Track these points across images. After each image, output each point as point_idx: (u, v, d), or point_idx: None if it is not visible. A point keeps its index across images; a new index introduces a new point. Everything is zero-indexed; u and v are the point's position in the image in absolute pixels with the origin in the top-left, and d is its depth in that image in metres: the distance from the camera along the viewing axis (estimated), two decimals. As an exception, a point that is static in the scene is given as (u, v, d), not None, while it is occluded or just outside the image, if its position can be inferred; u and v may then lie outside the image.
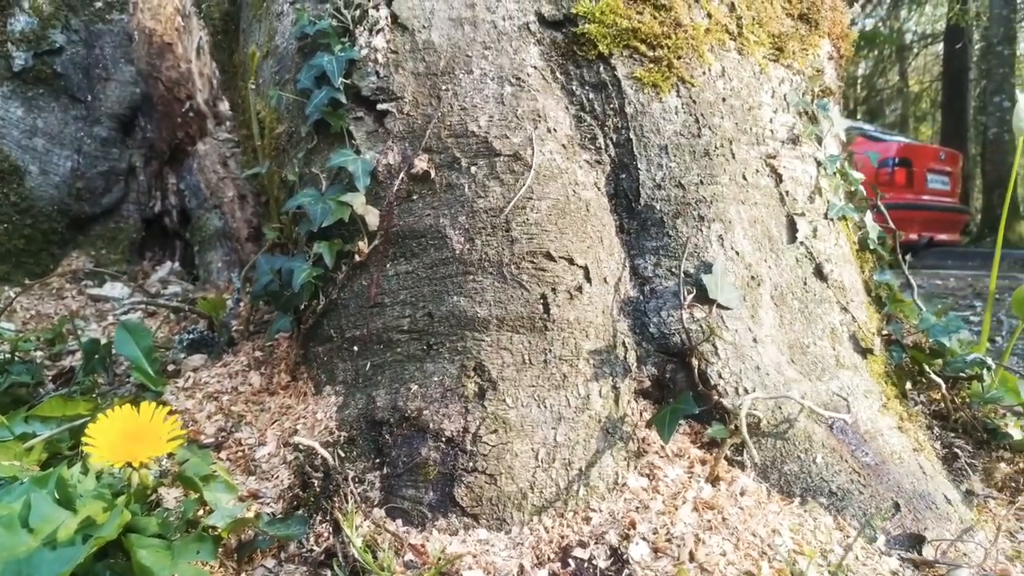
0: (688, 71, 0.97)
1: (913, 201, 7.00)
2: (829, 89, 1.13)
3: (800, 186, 1.03)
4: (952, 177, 7.72)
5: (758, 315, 0.92)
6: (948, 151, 8.09)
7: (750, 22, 1.05)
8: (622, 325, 0.89)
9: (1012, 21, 10.05)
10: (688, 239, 0.92)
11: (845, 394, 0.92)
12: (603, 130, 0.95)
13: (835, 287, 1.02)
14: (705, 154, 0.95)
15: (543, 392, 0.82)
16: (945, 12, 12.33)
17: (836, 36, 1.21)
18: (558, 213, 0.89)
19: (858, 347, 1.00)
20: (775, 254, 0.97)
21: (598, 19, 0.95)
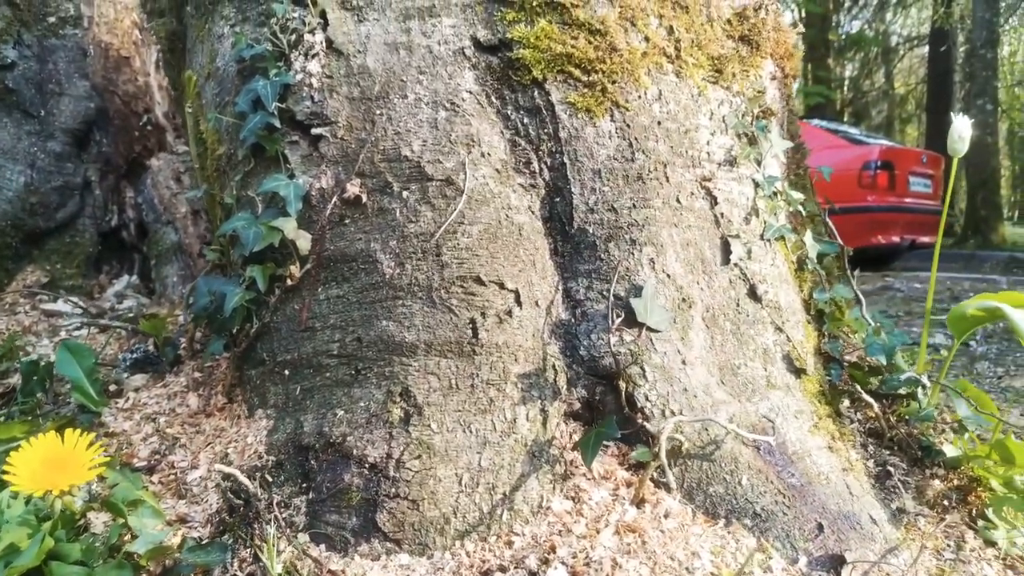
0: (623, 95, 0.98)
1: (896, 204, 7.05)
2: (770, 110, 1.15)
3: (736, 207, 1.05)
4: (934, 180, 7.79)
5: (688, 337, 0.93)
6: (930, 154, 8.15)
7: (689, 45, 1.06)
8: (553, 348, 0.90)
9: (995, 24, 10.14)
10: (620, 262, 0.93)
11: (774, 415, 0.94)
12: (538, 154, 0.96)
13: (770, 307, 1.03)
14: (638, 178, 0.97)
15: (469, 417, 0.83)
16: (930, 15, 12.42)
17: (780, 56, 1.23)
18: (490, 237, 0.90)
19: (791, 367, 1.02)
20: (708, 276, 0.99)
21: (533, 44, 0.96)
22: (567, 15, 0.97)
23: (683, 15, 1.07)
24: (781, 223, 1.09)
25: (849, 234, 7.28)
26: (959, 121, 1.07)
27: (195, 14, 1.09)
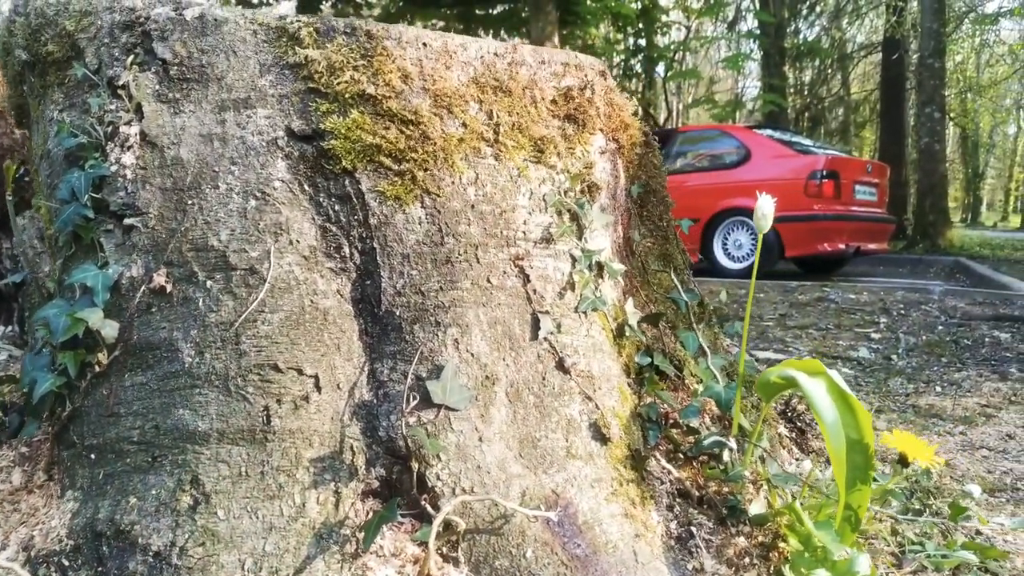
0: (434, 182, 1.03)
1: (842, 212, 7.23)
2: (595, 184, 1.21)
3: (550, 283, 1.11)
4: (879, 188, 7.99)
5: (489, 414, 0.99)
6: (875, 163, 8.37)
7: (510, 128, 1.12)
8: (353, 429, 0.95)
9: (941, 35, 10.39)
10: (424, 344, 0.99)
11: (569, 485, 1.00)
12: (349, 239, 1.01)
13: (581, 377, 1.10)
14: (447, 261, 1.02)
15: (257, 503, 0.88)
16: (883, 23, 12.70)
17: (612, 129, 1.29)
18: (291, 324, 0.94)
19: (598, 435, 1.08)
20: (515, 352, 1.05)
21: (344, 135, 1.01)
22: (379, 106, 1.02)
23: (505, 98, 1.13)
24: (598, 295, 1.15)
25: (796, 242, 7.48)
26: (763, 200, 1.14)
27: (30, 94, 1.13)
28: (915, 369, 3.16)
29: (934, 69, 10.43)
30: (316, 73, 1.02)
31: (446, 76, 1.08)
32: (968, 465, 2.00)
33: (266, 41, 1.03)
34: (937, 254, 10.21)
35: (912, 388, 2.84)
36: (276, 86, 1.02)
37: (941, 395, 2.74)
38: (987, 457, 2.08)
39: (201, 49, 1.01)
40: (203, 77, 1.00)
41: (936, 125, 10.53)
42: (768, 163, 7.49)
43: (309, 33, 1.03)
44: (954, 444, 2.18)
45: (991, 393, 2.75)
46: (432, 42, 1.08)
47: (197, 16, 1.01)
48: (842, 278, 8.08)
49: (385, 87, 1.03)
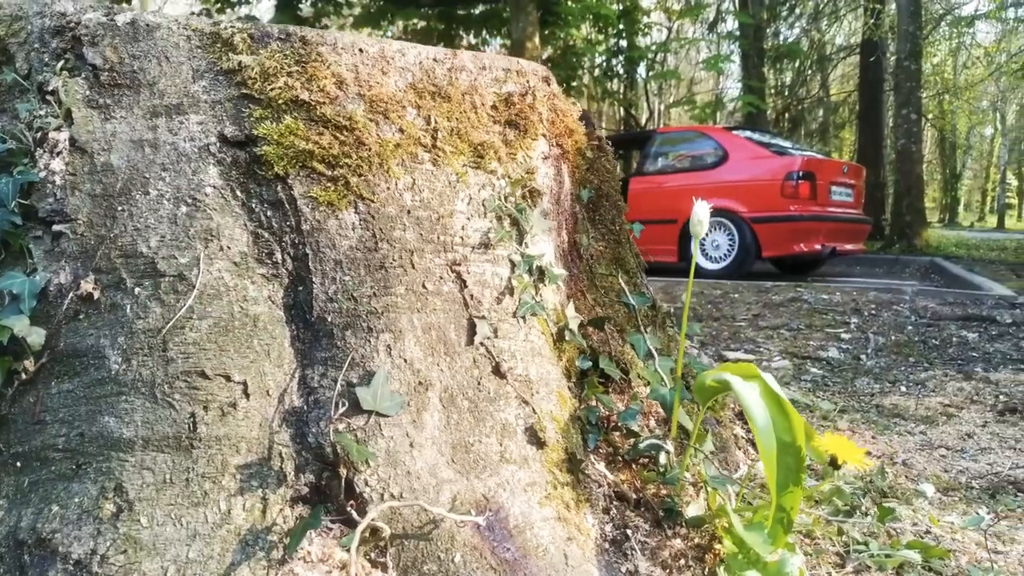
0: (369, 188, 1.04)
1: (818, 213, 7.30)
2: (537, 190, 1.22)
3: (488, 288, 1.11)
4: (855, 189, 8.07)
5: (421, 419, 1.00)
6: (851, 164, 8.45)
7: (448, 133, 1.12)
8: (283, 436, 0.95)
9: (918, 37, 10.51)
10: (355, 350, 0.99)
11: (502, 490, 1.01)
12: (281, 245, 1.01)
13: (518, 382, 1.10)
14: (381, 267, 1.03)
15: (181, 510, 0.88)
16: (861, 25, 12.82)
17: (556, 135, 1.30)
18: (220, 331, 0.95)
19: (533, 439, 1.09)
20: (450, 357, 1.05)
21: (276, 141, 1.01)
22: (313, 112, 1.03)
23: (444, 104, 1.13)
24: (537, 300, 1.16)
25: (773, 242, 7.54)
26: (698, 207, 1.15)
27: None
28: (883, 369, 3.19)
29: (910, 71, 10.54)
30: (250, 79, 1.02)
31: (383, 82, 1.09)
32: (925, 464, 2.02)
33: (200, 47, 1.03)
34: (913, 254, 10.34)
35: (878, 388, 2.87)
36: (209, 92, 1.02)
37: (906, 395, 2.77)
38: (945, 456, 2.10)
39: (133, 55, 1.00)
40: (135, 83, 1.00)
41: (913, 127, 10.65)
42: (745, 164, 7.55)
43: (243, 39, 1.03)
44: (914, 443, 2.20)
45: (954, 393, 2.78)
46: (369, 48, 1.09)
47: (129, 21, 1.01)
48: (818, 278, 8.16)
49: (319, 93, 1.03)
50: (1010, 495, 1.79)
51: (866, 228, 8.43)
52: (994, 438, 2.23)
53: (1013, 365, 3.25)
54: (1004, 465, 1.99)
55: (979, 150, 28.19)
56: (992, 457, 2.06)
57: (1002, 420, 2.42)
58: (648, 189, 8.15)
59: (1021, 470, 1.96)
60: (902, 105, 10.69)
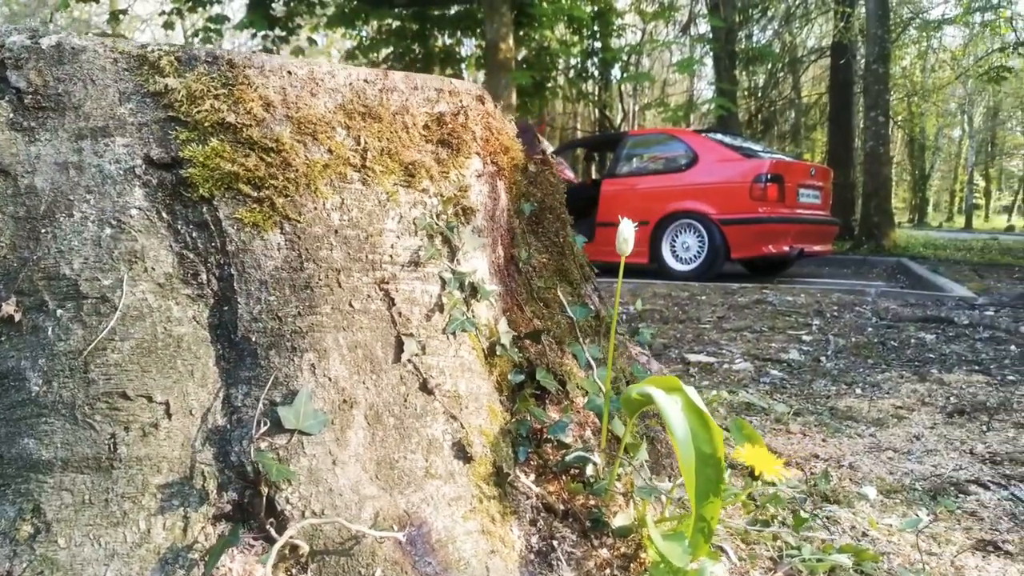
0: (295, 209, 1.05)
1: (786, 215, 7.40)
2: (470, 208, 1.24)
3: (417, 306, 1.13)
4: (823, 191, 8.20)
5: (345, 437, 1.02)
6: (818, 167, 8.58)
7: (379, 153, 1.14)
8: (206, 455, 0.97)
9: (886, 41, 10.68)
10: (279, 369, 1.01)
11: (426, 505, 1.03)
12: (206, 266, 1.02)
13: (447, 397, 1.13)
14: (306, 287, 1.04)
15: (100, 531, 0.89)
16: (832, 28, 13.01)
17: (491, 152, 1.32)
18: (143, 352, 0.96)
19: (461, 454, 1.11)
20: (376, 375, 1.07)
21: (202, 163, 1.02)
22: (240, 134, 1.04)
23: (374, 124, 1.15)
24: (468, 316, 1.19)
25: (742, 244, 7.65)
26: (624, 225, 1.18)
27: None
28: (841, 371, 3.25)
29: (879, 74, 10.72)
30: (176, 102, 1.03)
31: (312, 104, 1.10)
32: (872, 466, 2.07)
33: (127, 69, 1.04)
34: (881, 255, 10.51)
35: (835, 390, 2.92)
36: (136, 114, 1.03)
37: (860, 397, 2.82)
38: (892, 458, 2.15)
39: (58, 78, 1.01)
40: (60, 106, 1.01)
41: (881, 129, 10.83)
42: (714, 167, 7.64)
43: (170, 62, 1.05)
44: (863, 446, 2.25)
45: (908, 394, 2.84)
46: (298, 70, 1.10)
47: (54, 44, 1.02)
48: (787, 279, 8.28)
49: (246, 115, 1.05)
50: (951, 496, 1.84)
51: (833, 230, 8.57)
52: (941, 440, 2.29)
53: (967, 366, 3.33)
54: (948, 467, 2.04)
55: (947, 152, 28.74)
56: (937, 459, 2.11)
57: (950, 422, 2.48)
58: (620, 191, 8.22)
59: (963, 471, 2.01)
60: (870, 107, 10.87)
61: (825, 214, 8.12)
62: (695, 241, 7.45)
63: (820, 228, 7.87)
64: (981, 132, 25.53)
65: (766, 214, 7.11)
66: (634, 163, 8.54)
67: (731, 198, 7.24)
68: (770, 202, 7.15)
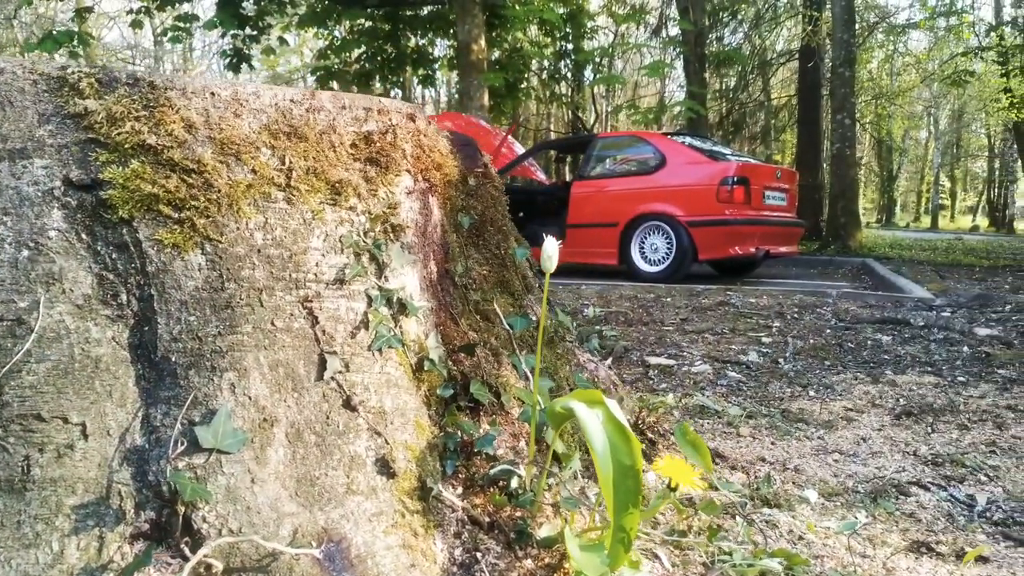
0: (217, 229, 1.07)
1: (752, 217, 7.51)
2: (399, 225, 1.26)
3: (342, 324, 1.15)
4: (789, 194, 8.32)
5: (265, 455, 1.03)
6: (784, 169, 8.70)
7: (304, 172, 1.16)
8: (123, 474, 0.98)
9: (852, 45, 10.86)
10: (198, 388, 1.02)
11: (346, 521, 1.05)
12: (127, 287, 1.03)
13: (371, 414, 1.15)
14: (227, 306, 1.06)
15: (11, 553, 0.90)
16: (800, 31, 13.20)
17: (422, 169, 1.34)
18: (59, 373, 0.97)
19: (384, 469, 1.13)
20: (298, 393, 1.09)
21: (122, 185, 1.03)
22: (161, 156, 1.05)
23: (300, 144, 1.17)
24: (394, 332, 1.21)
25: (708, 245, 7.74)
26: (548, 242, 1.20)
27: None
28: (798, 373, 3.31)
29: (845, 78, 10.90)
30: (96, 123, 1.04)
31: (235, 124, 1.12)
32: (817, 469, 2.11)
33: (47, 91, 1.05)
34: (847, 255, 10.69)
35: (789, 392, 2.97)
36: (56, 136, 1.04)
37: (813, 399, 2.87)
38: (837, 461, 2.19)
39: (-26, 99, 1.02)
40: (-24, 127, 1.01)
41: (847, 131, 11.01)
42: (682, 169, 7.73)
43: (90, 84, 1.05)
44: (810, 448, 2.29)
45: (860, 396, 2.90)
46: (221, 91, 1.12)
47: (-30, 66, 1.02)
48: (754, 279, 8.39)
49: (167, 137, 1.06)
50: (891, 498, 1.88)
51: (799, 231, 8.70)
52: (887, 442, 2.34)
53: (919, 367, 3.40)
54: (891, 468, 2.09)
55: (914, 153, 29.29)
56: (881, 461, 2.16)
57: (897, 423, 2.53)
58: (589, 193, 8.27)
59: (906, 473, 2.06)
60: (837, 110, 11.05)
61: (791, 216, 8.25)
62: (663, 243, 7.53)
63: (786, 230, 8.00)
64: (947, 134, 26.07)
65: (732, 216, 7.21)
66: (603, 165, 8.60)
67: (698, 200, 7.33)
68: (736, 204, 7.26)
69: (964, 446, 2.26)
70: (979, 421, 2.51)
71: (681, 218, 7.38)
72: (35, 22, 17.01)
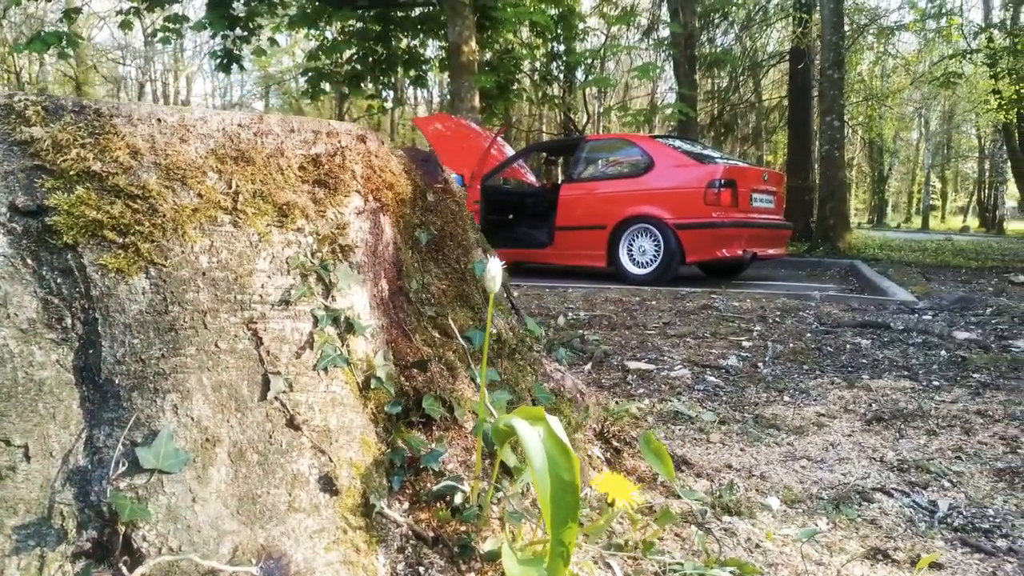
0: (161, 253, 1.09)
1: (740, 219, 7.55)
2: (348, 245, 1.29)
3: (287, 344, 1.18)
4: (776, 196, 8.37)
5: (207, 474, 1.06)
6: (772, 172, 8.75)
7: (251, 196, 1.19)
8: (66, 495, 1.01)
9: (840, 47, 10.91)
10: (141, 410, 1.05)
11: (287, 538, 1.08)
12: (71, 311, 1.06)
13: (315, 432, 1.17)
14: (171, 329, 1.08)
15: (-49, 572, 0.92)
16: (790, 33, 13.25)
17: (373, 189, 1.37)
18: (2, 397, 0.99)
19: (328, 487, 1.16)
20: (241, 413, 1.12)
21: (68, 211, 1.06)
22: (106, 182, 1.08)
23: (247, 168, 1.19)
24: (340, 352, 1.23)
25: (696, 248, 7.78)
26: (492, 263, 1.23)
27: None
28: (775, 377, 3.33)
29: (833, 80, 10.95)
30: (42, 151, 1.07)
31: (181, 150, 1.14)
32: (783, 476, 2.12)
33: (-7, 118, 1.07)
34: (836, 257, 10.74)
35: (765, 397, 2.99)
36: (1, 163, 1.06)
37: (788, 404, 2.89)
38: (804, 467, 2.21)
39: (-79, 127, 1.04)
40: (-77, 155, 1.04)
41: (836, 133, 11.06)
42: (670, 172, 7.76)
43: (36, 111, 1.08)
44: (778, 455, 2.31)
45: (834, 401, 2.92)
46: (167, 117, 1.14)
47: (-83, 95, 1.04)
48: (742, 281, 8.42)
49: (113, 164, 1.09)
50: (854, 505, 1.90)
51: (786, 233, 8.74)
52: (855, 447, 2.35)
53: (896, 372, 3.42)
54: (856, 475, 2.11)
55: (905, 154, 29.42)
56: (848, 467, 2.18)
57: (868, 429, 2.55)
58: (578, 196, 8.31)
59: (870, 479, 2.08)
60: (826, 112, 11.10)
61: (778, 218, 8.29)
62: (651, 245, 7.57)
63: (773, 232, 8.04)
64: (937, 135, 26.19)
65: (720, 219, 7.25)
66: (592, 168, 8.64)
67: (686, 203, 7.37)
68: (724, 207, 7.30)
69: (931, 452, 2.28)
70: (948, 427, 2.53)
71: (669, 221, 7.42)
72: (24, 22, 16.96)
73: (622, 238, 7.69)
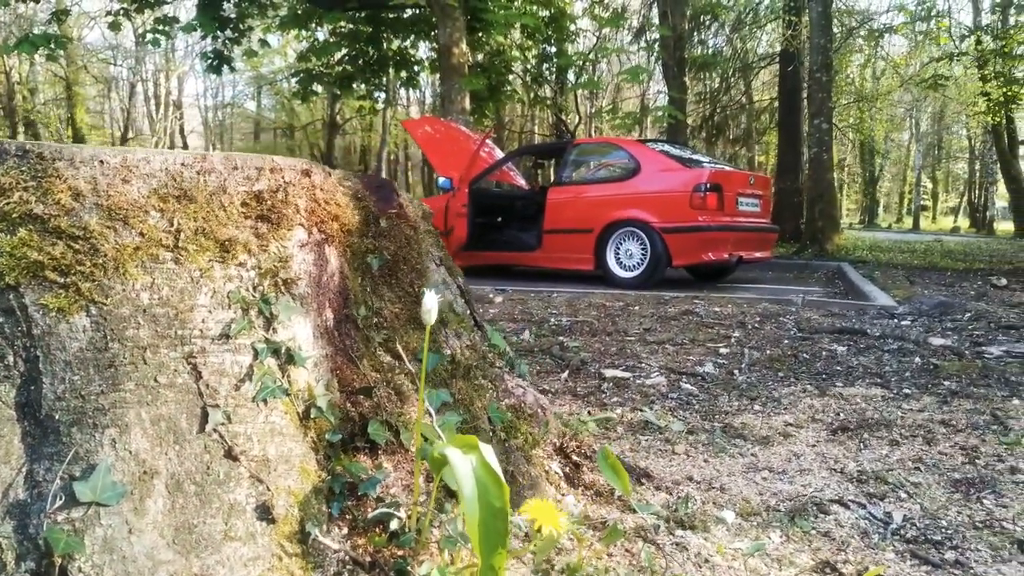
0: (102, 292, 1.13)
1: (726, 223, 7.60)
2: (290, 279, 1.33)
3: (226, 377, 1.22)
4: (762, 200, 8.42)
5: (144, 506, 1.10)
6: (758, 176, 8.80)
7: (193, 233, 1.23)
8: (6, 528, 1.05)
9: (828, 50, 10.96)
10: (80, 445, 1.09)
11: (221, 566, 1.12)
12: (13, 349, 1.10)
13: (253, 462, 1.22)
14: (111, 365, 1.13)
15: None
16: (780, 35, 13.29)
17: (317, 222, 1.41)
18: (-57, 435, 1.03)
19: (264, 515, 1.20)
20: (179, 445, 1.16)
21: (10, 253, 1.10)
22: (48, 224, 1.12)
23: (189, 206, 1.24)
24: (280, 383, 1.28)
25: (682, 251, 7.83)
26: (428, 296, 1.27)
27: None
28: (750, 385, 3.36)
29: (822, 82, 11.00)
30: (-15, 194, 1.11)
31: (124, 190, 1.18)
32: (742, 487, 2.14)
33: (-62, 162, 1.11)
34: (824, 259, 10.79)
35: (737, 405, 3.01)
36: (-54, 206, 1.10)
37: (758, 413, 2.92)
38: (765, 479, 2.23)
39: None
40: None
41: (824, 136, 11.12)
42: (656, 176, 7.81)
43: (-20, 156, 1.12)
44: (741, 466, 2.33)
45: (804, 410, 2.94)
46: (110, 159, 1.18)
47: None
48: (729, 284, 8.47)
49: (54, 206, 1.13)
50: (809, 517, 1.92)
51: (773, 237, 8.80)
52: (818, 458, 2.38)
53: (869, 379, 3.46)
54: (815, 486, 2.13)
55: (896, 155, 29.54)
56: (808, 478, 2.20)
57: (832, 439, 2.58)
58: (565, 199, 8.35)
59: (829, 490, 2.11)
60: (815, 115, 11.16)
61: (765, 221, 8.35)
62: (638, 249, 7.62)
63: (759, 235, 8.10)
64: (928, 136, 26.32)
65: (706, 222, 7.30)
66: (580, 171, 8.69)
67: (672, 207, 7.42)
68: (710, 211, 7.35)
69: (892, 462, 2.30)
70: (911, 436, 2.55)
71: (655, 224, 7.47)
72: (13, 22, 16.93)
73: (609, 241, 7.74)
